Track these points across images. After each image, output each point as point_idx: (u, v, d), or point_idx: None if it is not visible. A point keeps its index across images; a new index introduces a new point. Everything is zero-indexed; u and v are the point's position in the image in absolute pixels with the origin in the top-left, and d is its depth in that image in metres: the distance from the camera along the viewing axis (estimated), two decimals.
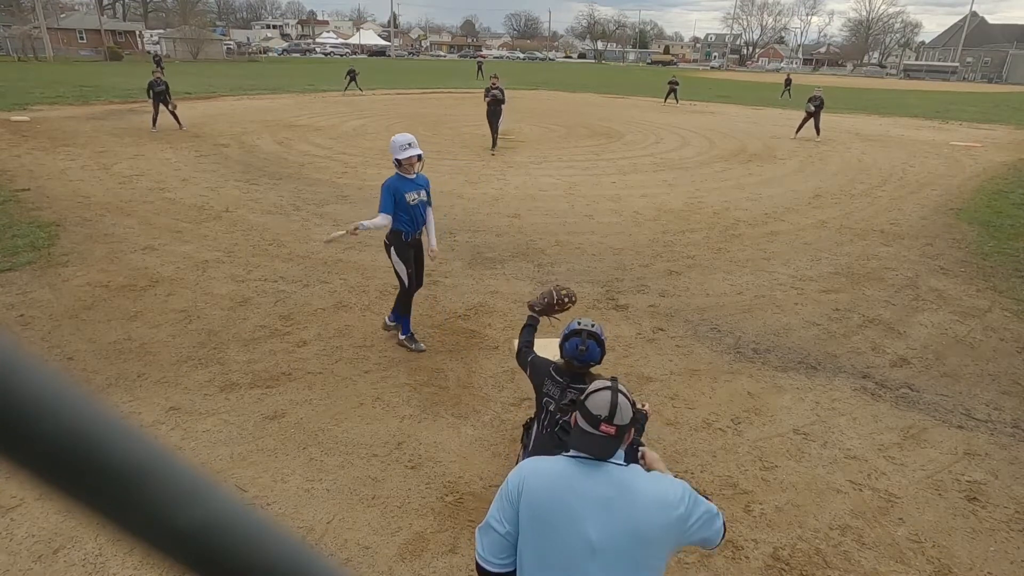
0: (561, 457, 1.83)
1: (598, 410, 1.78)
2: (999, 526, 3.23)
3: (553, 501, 1.72)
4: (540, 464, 1.86)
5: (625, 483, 1.74)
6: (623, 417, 1.79)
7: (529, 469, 1.84)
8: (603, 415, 1.77)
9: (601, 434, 1.76)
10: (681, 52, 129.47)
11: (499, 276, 6.47)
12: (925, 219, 9.28)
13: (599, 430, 1.77)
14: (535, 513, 1.73)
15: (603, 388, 1.84)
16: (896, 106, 30.87)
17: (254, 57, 65.30)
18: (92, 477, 0.22)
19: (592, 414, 1.79)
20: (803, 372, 4.74)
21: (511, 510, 1.76)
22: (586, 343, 2.66)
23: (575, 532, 1.68)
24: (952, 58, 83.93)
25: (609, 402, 1.79)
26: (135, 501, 0.23)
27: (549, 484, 1.76)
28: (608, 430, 1.76)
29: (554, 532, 1.70)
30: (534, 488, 1.76)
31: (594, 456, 1.76)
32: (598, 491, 1.71)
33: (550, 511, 1.72)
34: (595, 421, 1.77)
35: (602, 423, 1.76)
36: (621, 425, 1.78)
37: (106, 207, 8.48)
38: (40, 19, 46.71)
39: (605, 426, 1.76)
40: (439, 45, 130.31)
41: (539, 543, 1.72)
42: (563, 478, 1.76)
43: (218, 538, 0.25)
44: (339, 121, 18.50)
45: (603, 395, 1.81)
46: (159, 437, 0.32)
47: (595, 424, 1.77)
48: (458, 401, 4.21)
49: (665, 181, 11.48)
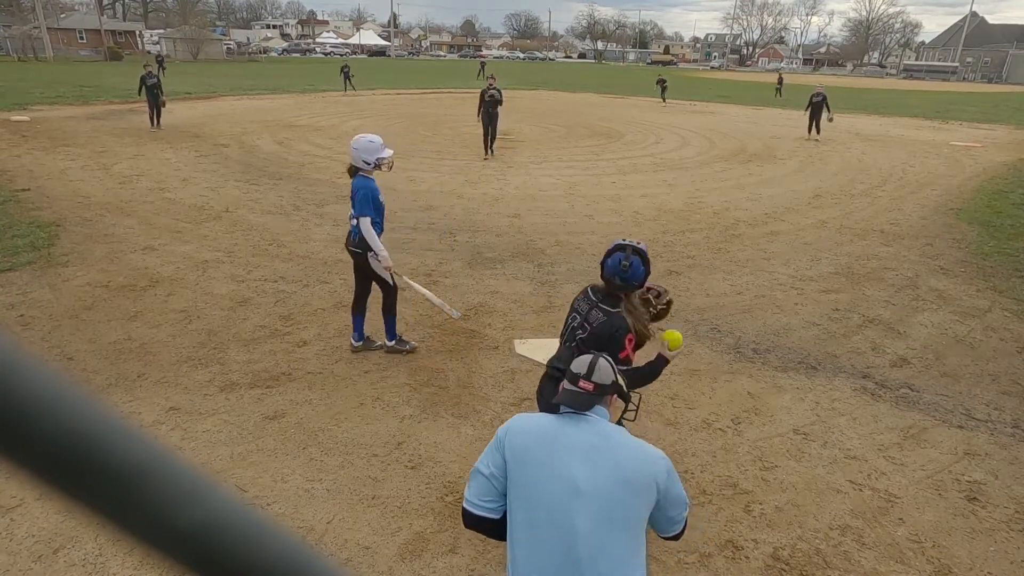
0: (548, 414, 1.99)
1: (578, 368, 1.97)
2: (999, 526, 3.23)
3: (538, 445, 1.84)
4: (527, 416, 2.01)
5: (609, 433, 1.87)
6: (601, 377, 1.94)
7: (516, 418, 1.99)
8: (582, 372, 1.94)
9: (580, 390, 1.92)
10: (681, 52, 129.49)
11: (499, 276, 6.47)
12: (925, 219, 9.28)
13: (578, 386, 1.93)
14: (520, 456, 1.83)
15: (589, 354, 2.03)
16: (896, 106, 30.87)
17: (254, 57, 65.31)
18: (92, 477, 0.22)
19: (572, 372, 1.97)
20: (803, 372, 4.74)
21: (497, 455, 1.87)
22: (630, 259, 2.52)
23: (560, 474, 1.76)
24: (952, 58, 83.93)
25: (589, 362, 1.97)
26: (135, 501, 0.23)
27: (534, 430, 1.89)
28: (586, 386, 1.92)
29: (538, 474, 1.79)
30: (519, 433, 1.88)
31: (573, 407, 1.90)
32: (583, 438, 1.83)
33: (535, 455, 1.82)
34: (575, 378, 1.95)
35: (581, 379, 1.93)
36: (599, 383, 1.93)
37: (106, 207, 8.48)
38: (40, 19, 46.71)
39: (583, 382, 1.92)
40: (439, 45, 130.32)
41: (524, 486, 1.81)
42: (548, 426, 1.90)
43: (218, 538, 0.25)
44: (339, 121, 18.50)
45: (586, 357, 2.00)
46: (159, 437, 0.32)
47: (574, 381, 1.95)
48: (458, 401, 4.21)
49: (665, 181, 11.48)
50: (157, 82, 15.22)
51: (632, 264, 2.52)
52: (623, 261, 2.52)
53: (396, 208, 8.96)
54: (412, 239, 7.56)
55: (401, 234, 7.74)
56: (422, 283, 6.20)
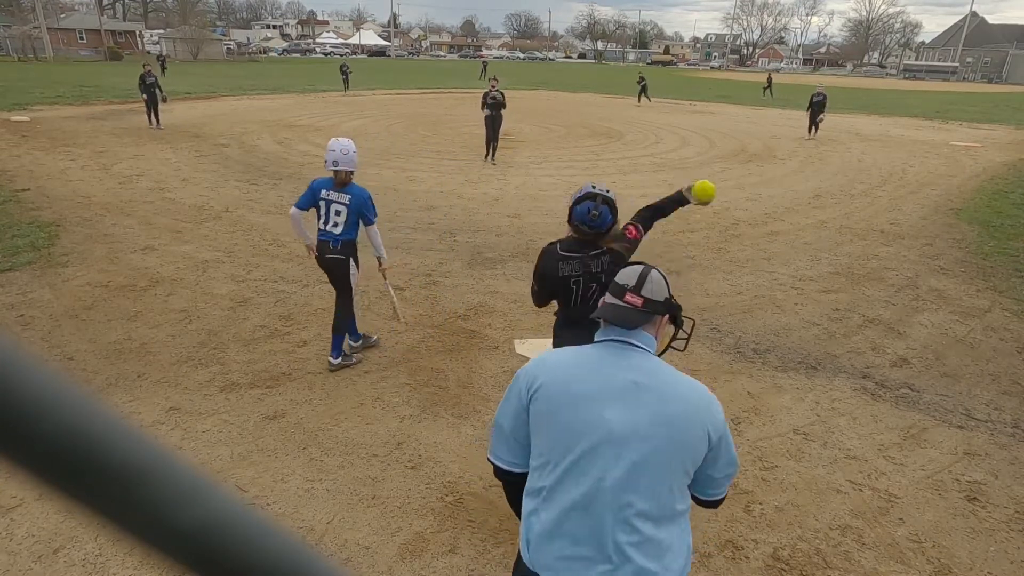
0: (582, 346, 1.65)
1: (625, 279, 1.65)
2: (999, 526, 3.23)
3: (568, 385, 1.53)
4: (554, 352, 1.67)
5: (655, 369, 1.54)
6: (653, 291, 1.63)
7: (540, 358, 1.65)
8: (630, 284, 1.63)
9: (626, 304, 1.60)
10: (681, 52, 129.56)
11: (499, 276, 6.47)
12: (925, 219, 9.28)
13: (624, 300, 1.61)
14: (546, 404, 1.53)
15: (636, 263, 1.73)
16: (896, 106, 30.87)
17: (254, 57, 65.33)
18: (92, 477, 0.22)
19: (618, 284, 1.65)
20: (803, 372, 4.74)
21: (517, 402, 1.59)
22: (599, 208, 2.57)
23: (592, 419, 1.48)
24: (952, 58, 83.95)
25: (639, 273, 1.65)
26: (135, 501, 0.23)
27: (561, 373, 1.57)
28: (633, 300, 1.60)
29: (567, 419, 1.50)
30: (545, 374, 1.57)
31: (616, 324, 1.58)
32: (623, 375, 1.51)
33: (563, 398, 1.52)
34: (620, 290, 1.63)
35: (628, 292, 1.61)
36: (649, 299, 1.62)
37: (106, 207, 8.48)
38: (40, 19, 46.72)
39: (631, 295, 1.60)
40: (439, 45, 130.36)
41: (550, 433, 1.53)
42: (581, 362, 1.58)
43: (218, 538, 0.25)
44: (339, 121, 18.50)
45: (635, 267, 1.70)
46: (159, 437, 0.32)
47: (620, 293, 1.63)
48: (458, 401, 4.21)
49: (665, 181, 11.48)
50: (155, 81, 15.47)
51: (601, 213, 2.58)
52: (592, 210, 2.57)
53: (396, 208, 8.97)
54: (412, 239, 7.56)
55: (401, 234, 7.74)
56: (423, 283, 6.21)
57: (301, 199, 4.28)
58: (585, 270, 2.68)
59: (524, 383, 1.58)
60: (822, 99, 17.47)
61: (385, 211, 8.75)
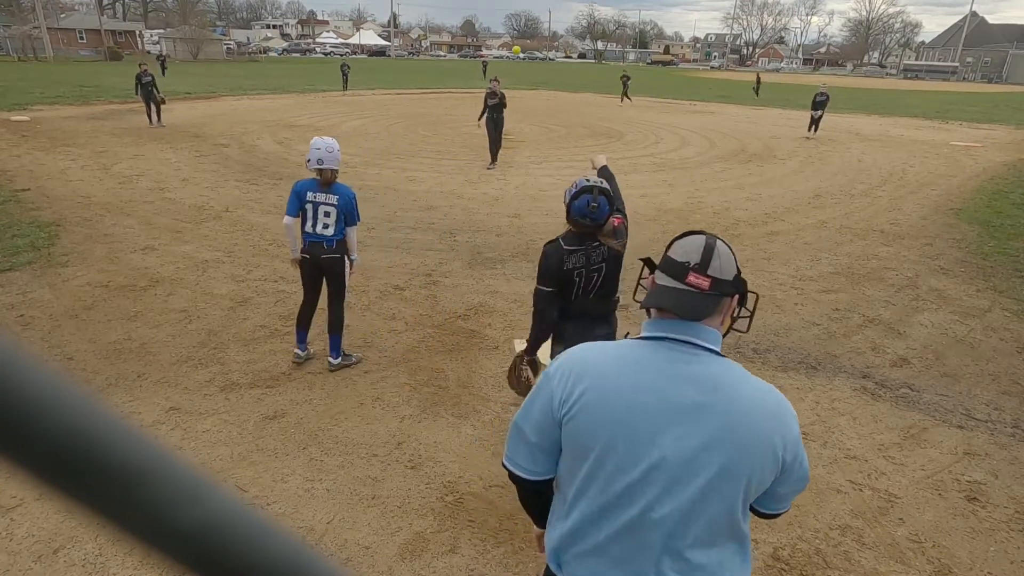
0: (630, 341, 1.32)
1: (685, 256, 1.28)
2: (999, 526, 3.23)
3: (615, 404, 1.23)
4: (594, 352, 1.31)
5: (721, 382, 1.24)
6: (721, 268, 1.28)
7: (577, 358, 1.30)
8: (693, 261, 1.27)
9: (689, 288, 1.26)
10: (681, 52, 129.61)
11: (499, 276, 6.47)
12: (925, 219, 9.28)
13: (684, 282, 1.26)
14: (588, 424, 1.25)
15: (695, 232, 1.35)
16: (896, 106, 30.88)
17: (254, 57, 65.34)
18: (92, 477, 0.22)
19: (677, 262, 1.29)
20: (803, 372, 4.74)
21: (547, 414, 1.30)
22: (597, 199, 2.64)
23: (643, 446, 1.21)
24: (952, 58, 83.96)
25: (704, 245, 1.29)
26: (135, 501, 0.23)
27: (610, 382, 1.25)
28: (699, 282, 1.25)
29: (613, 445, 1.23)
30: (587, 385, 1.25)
31: (680, 315, 1.25)
32: (682, 392, 1.22)
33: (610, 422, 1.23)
34: (680, 270, 1.27)
35: (690, 272, 1.26)
36: (718, 279, 1.27)
37: (106, 207, 8.48)
38: (40, 19, 46.73)
39: (695, 276, 1.26)
40: (439, 45, 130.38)
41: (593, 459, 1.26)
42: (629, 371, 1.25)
43: (218, 538, 0.25)
44: (339, 121, 18.50)
45: (695, 239, 1.32)
46: (159, 437, 0.32)
47: (680, 274, 1.27)
48: (458, 401, 4.21)
49: (665, 181, 11.48)
50: (152, 80, 15.54)
51: (600, 204, 2.65)
52: (591, 203, 2.65)
53: (396, 208, 8.97)
54: (412, 239, 7.56)
55: (401, 234, 7.74)
56: (422, 283, 6.21)
57: (290, 206, 4.19)
58: (588, 262, 2.76)
59: (560, 391, 1.28)
60: (825, 99, 17.53)
61: (385, 211, 8.76)
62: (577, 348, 1.35)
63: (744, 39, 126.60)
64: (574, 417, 1.26)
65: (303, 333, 4.55)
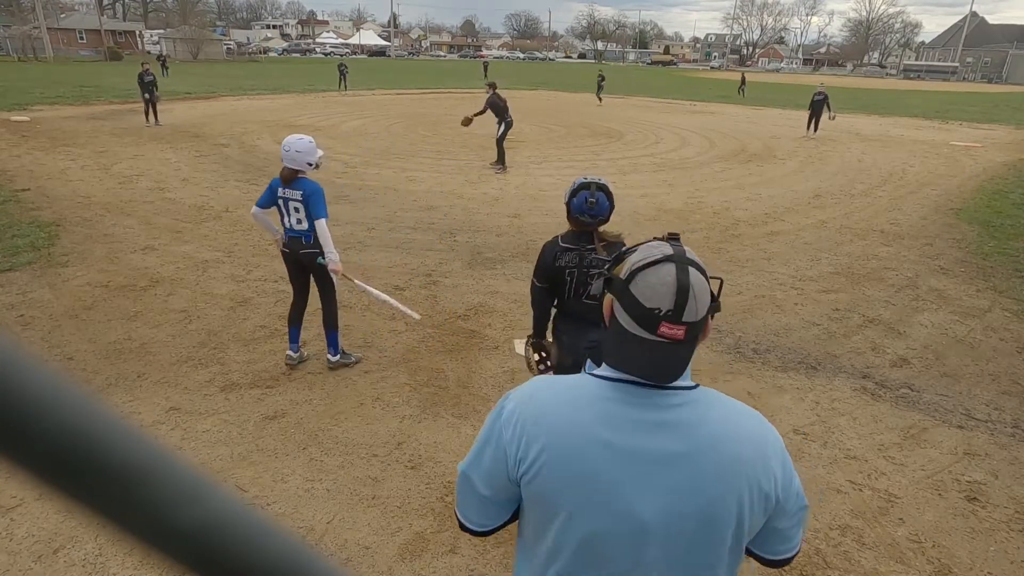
0: (589, 380, 1.12)
1: (655, 300, 1.04)
2: (999, 526, 3.23)
3: (581, 465, 1.06)
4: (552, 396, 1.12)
5: (698, 420, 1.08)
6: (699, 307, 1.05)
7: (532, 402, 1.11)
8: (664, 308, 1.03)
9: (661, 340, 1.04)
10: (681, 52, 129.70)
11: (499, 276, 6.47)
12: (925, 219, 9.28)
13: (656, 334, 1.04)
14: (551, 486, 1.08)
15: (661, 259, 1.07)
16: (896, 106, 30.87)
17: (254, 57, 65.36)
18: (92, 477, 0.22)
19: (644, 308, 1.04)
20: (803, 372, 4.74)
21: (500, 471, 1.12)
22: (595, 195, 2.60)
23: (617, 510, 1.06)
24: (952, 58, 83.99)
25: (675, 287, 1.04)
26: (135, 501, 0.23)
27: (572, 438, 1.06)
28: (673, 333, 1.03)
29: (582, 510, 1.07)
30: (545, 442, 1.06)
31: (653, 381, 1.06)
32: (655, 442, 1.05)
33: (576, 485, 1.06)
34: (649, 320, 1.04)
35: (662, 322, 1.03)
36: (695, 322, 1.05)
37: (106, 207, 8.48)
38: (40, 19, 46.74)
39: (668, 327, 1.03)
40: (439, 45, 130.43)
41: (559, 526, 1.10)
42: (594, 421, 1.07)
43: (218, 538, 0.25)
44: (339, 121, 18.50)
45: (663, 275, 1.05)
46: (159, 437, 0.32)
47: (650, 325, 1.04)
48: (458, 401, 4.21)
49: (665, 181, 11.48)
50: (153, 79, 15.86)
51: (598, 200, 2.59)
52: (589, 198, 2.60)
53: (396, 208, 8.97)
54: (412, 239, 7.56)
55: (401, 234, 7.74)
56: (422, 283, 6.20)
57: (261, 198, 4.30)
58: (580, 263, 2.73)
59: (513, 448, 1.10)
60: (822, 99, 17.52)
61: (385, 211, 8.76)
62: (529, 390, 1.15)
63: (744, 39, 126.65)
64: (533, 480, 1.08)
65: (294, 331, 4.56)
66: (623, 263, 1.13)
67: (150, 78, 15.69)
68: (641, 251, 1.11)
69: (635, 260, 1.10)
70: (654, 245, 1.12)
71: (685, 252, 1.11)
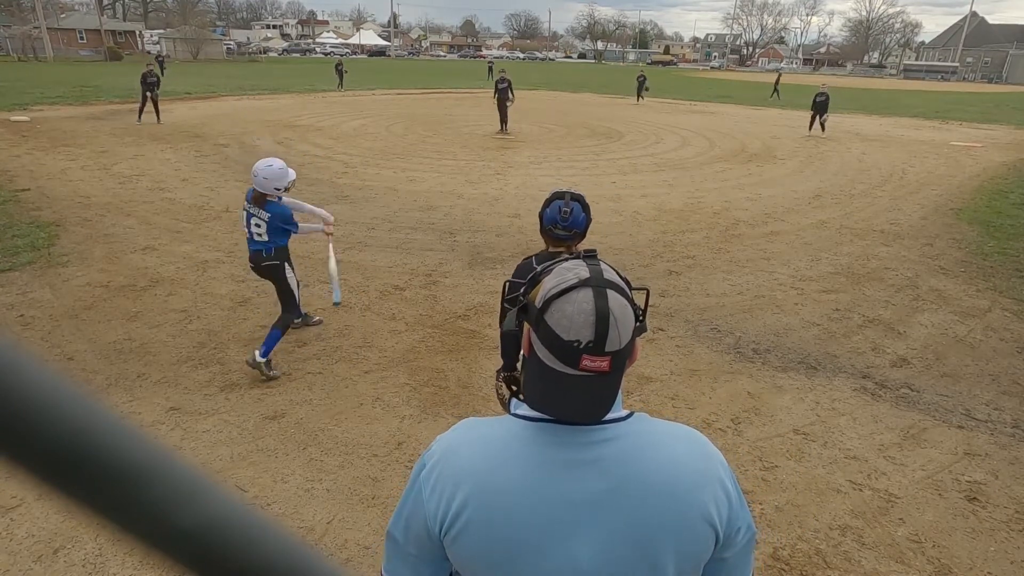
0: (511, 423, 1.02)
1: (573, 332, 0.94)
2: (999, 526, 3.23)
3: (508, 519, 0.96)
4: (468, 451, 1.01)
5: (629, 455, 0.98)
6: (622, 334, 0.95)
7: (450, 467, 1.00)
8: (585, 339, 0.93)
9: (583, 374, 0.95)
10: (681, 52, 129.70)
11: (499, 276, 6.47)
12: (925, 219, 9.28)
13: (579, 368, 0.95)
14: (479, 550, 0.98)
15: (577, 285, 0.96)
16: (896, 106, 30.87)
17: (254, 57, 65.34)
18: (92, 477, 0.22)
19: (563, 340, 0.94)
20: (803, 372, 4.74)
21: (423, 534, 1.01)
22: (570, 204, 2.40)
23: (551, 564, 0.97)
24: (952, 58, 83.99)
25: (594, 315, 0.93)
26: (135, 501, 0.23)
27: (496, 490, 0.97)
28: (597, 365, 0.94)
29: (515, 571, 0.98)
30: (467, 497, 0.97)
31: (577, 421, 0.98)
32: (585, 483, 0.96)
33: (505, 543, 0.97)
34: (569, 353, 0.94)
35: (584, 355, 0.94)
36: (619, 351, 0.95)
37: (106, 207, 8.48)
38: (40, 19, 46.72)
39: (590, 359, 0.94)
40: (439, 45, 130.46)
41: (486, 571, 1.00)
42: (517, 468, 0.97)
43: (218, 538, 0.25)
44: (339, 121, 18.50)
45: (579, 302, 0.95)
46: (159, 437, 0.32)
47: (571, 359, 0.94)
48: (458, 401, 4.21)
49: (665, 181, 11.48)
50: (156, 81, 16.18)
51: (572, 210, 2.40)
52: (563, 208, 2.40)
53: (396, 208, 8.97)
54: (412, 239, 7.56)
55: (401, 234, 7.74)
56: (422, 284, 6.21)
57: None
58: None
59: (433, 507, 0.99)
60: (825, 99, 17.53)
61: (385, 211, 8.76)
62: (452, 440, 1.05)
63: (744, 39, 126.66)
64: (457, 539, 0.98)
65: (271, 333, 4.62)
66: (538, 287, 1.02)
67: (153, 79, 15.98)
68: (555, 275, 1.00)
69: (549, 287, 0.99)
70: (568, 267, 1.01)
71: (603, 272, 0.99)
